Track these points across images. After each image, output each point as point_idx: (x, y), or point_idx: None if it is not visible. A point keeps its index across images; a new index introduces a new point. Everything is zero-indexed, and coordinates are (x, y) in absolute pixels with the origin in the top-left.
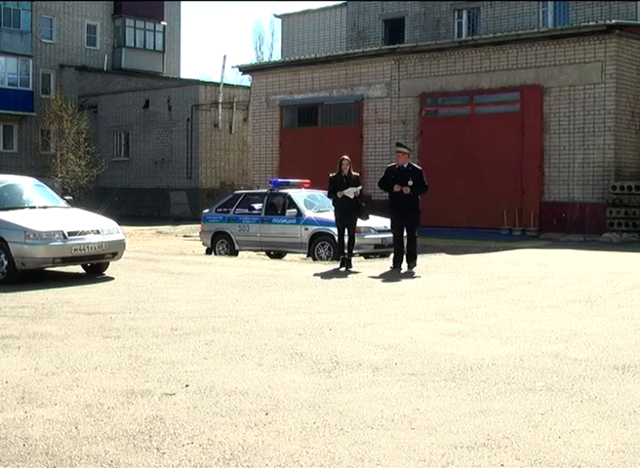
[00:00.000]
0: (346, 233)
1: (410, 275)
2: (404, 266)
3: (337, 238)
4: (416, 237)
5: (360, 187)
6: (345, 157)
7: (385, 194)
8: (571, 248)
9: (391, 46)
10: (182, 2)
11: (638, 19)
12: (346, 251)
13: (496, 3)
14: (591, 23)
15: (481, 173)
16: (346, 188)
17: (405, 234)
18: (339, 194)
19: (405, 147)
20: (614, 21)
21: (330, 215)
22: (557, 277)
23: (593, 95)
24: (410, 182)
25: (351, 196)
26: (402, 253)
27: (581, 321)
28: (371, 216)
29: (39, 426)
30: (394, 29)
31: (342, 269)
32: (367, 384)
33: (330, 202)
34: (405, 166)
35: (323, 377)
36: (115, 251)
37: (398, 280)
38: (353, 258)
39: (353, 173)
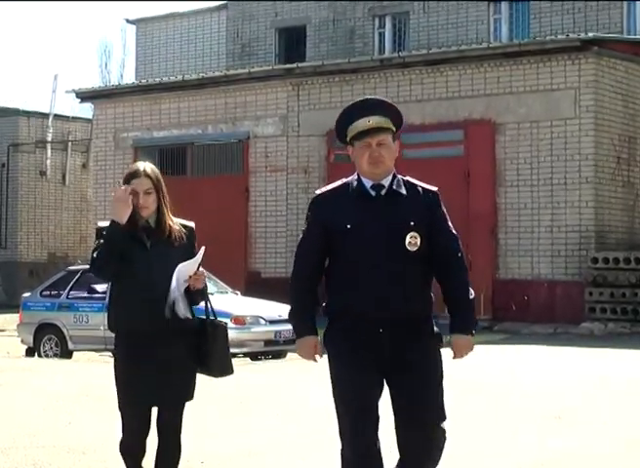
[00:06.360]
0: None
1: None
2: None
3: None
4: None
5: (201, 255)
6: (142, 167)
7: (286, 270)
8: (536, 343)
9: (288, 65)
10: None
11: (624, 31)
12: None
13: (430, 6)
14: (561, 37)
15: None
16: (146, 258)
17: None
18: None
19: (382, 106)
20: (591, 35)
21: (219, 301)
22: (517, 385)
23: (564, 134)
24: (412, 240)
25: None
26: None
27: (552, 443)
28: (260, 302)
29: None
30: (292, 42)
31: None
32: None
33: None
34: (387, 184)
35: None
36: None
37: None
38: (235, 360)
39: (173, 224)
